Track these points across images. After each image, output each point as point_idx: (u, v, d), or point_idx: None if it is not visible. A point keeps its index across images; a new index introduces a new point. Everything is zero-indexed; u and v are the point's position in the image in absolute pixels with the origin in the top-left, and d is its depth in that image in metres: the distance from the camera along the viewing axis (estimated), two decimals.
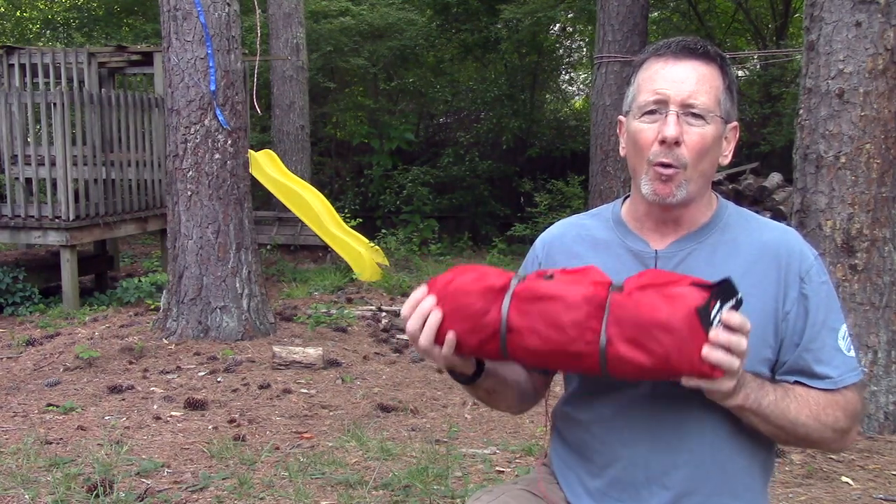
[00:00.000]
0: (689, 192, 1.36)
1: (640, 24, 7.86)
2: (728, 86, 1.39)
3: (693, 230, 1.42)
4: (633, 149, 1.40)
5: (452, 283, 1.29)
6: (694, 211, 1.41)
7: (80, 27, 15.64)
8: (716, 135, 1.36)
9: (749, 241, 1.40)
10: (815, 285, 1.37)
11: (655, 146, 1.35)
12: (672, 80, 1.35)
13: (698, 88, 1.34)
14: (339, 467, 3.34)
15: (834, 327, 1.37)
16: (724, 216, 1.44)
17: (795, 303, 1.36)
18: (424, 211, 12.50)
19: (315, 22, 12.62)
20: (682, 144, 1.33)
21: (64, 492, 3.03)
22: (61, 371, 4.87)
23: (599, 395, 1.42)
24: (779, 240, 1.40)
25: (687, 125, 1.34)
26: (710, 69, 1.37)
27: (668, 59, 1.38)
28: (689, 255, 1.40)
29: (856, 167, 3.63)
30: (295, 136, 11.17)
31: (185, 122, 5.41)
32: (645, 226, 1.44)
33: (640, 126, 1.37)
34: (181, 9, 5.34)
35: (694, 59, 1.37)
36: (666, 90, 1.35)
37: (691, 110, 1.34)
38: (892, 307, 3.71)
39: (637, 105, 1.39)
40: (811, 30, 3.75)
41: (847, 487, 3.15)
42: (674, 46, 1.38)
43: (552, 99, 15.56)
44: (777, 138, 10.74)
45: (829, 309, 1.38)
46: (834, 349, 1.37)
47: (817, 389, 1.35)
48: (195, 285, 5.46)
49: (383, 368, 5.03)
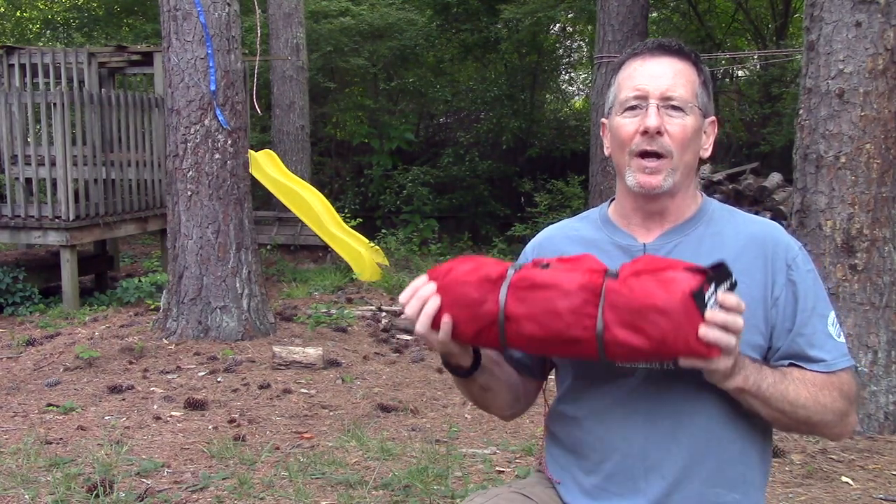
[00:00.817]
0: (675, 180, 1.40)
1: (640, 25, 7.86)
2: (703, 81, 1.44)
3: (679, 223, 1.45)
4: (617, 143, 1.44)
5: (450, 274, 1.32)
6: (679, 203, 1.45)
7: (80, 27, 15.64)
8: (696, 126, 1.41)
9: (734, 232, 1.44)
10: (802, 272, 1.41)
11: (637, 137, 1.39)
12: (650, 75, 1.41)
13: (675, 82, 1.40)
14: (339, 467, 3.34)
15: (823, 314, 1.41)
16: (708, 210, 1.48)
17: (784, 289, 1.39)
18: (424, 211, 12.50)
19: (315, 22, 12.61)
20: (664, 134, 1.38)
21: (64, 492, 3.03)
22: (61, 371, 4.87)
23: (593, 390, 1.43)
24: (763, 231, 1.44)
25: (668, 117, 1.39)
26: (686, 65, 1.43)
27: (645, 57, 1.43)
28: (676, 248, 1.43)
29: (856, 167, 3.63)
30: (295, 136, 11.17)
31: (185, 122, 5.41)
32: (632, 221, 1.48)
33: (622, 121, 1.42)
34: (181, 9, 5.34)
35: (669, 55, 1.43)
36: (645, 85, 1.40)
37: (670, 102, 1.39)
38: (892, 307, 3.71)
39: (619, 102, 1.44)
40: (811, 30, 3.75)
41: (847, 487, 3.15)
42: (650, 45, 1.45)
43: (552, 99, 15.56)
44: (777, 138, 10.74)
45: (816, 297, 1.41)
46: (825, 335, 1.40)
47: (813, 372, 1.38)
48: (195, 285, 5.46)
49: (383, 368, 5.03)
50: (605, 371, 1.40)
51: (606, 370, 1.39)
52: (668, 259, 1.29)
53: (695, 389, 1.34)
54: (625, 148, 1.41)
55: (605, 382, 1.41)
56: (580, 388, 1.46)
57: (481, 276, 1.30)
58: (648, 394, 1.37)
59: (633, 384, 1.38)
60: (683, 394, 1.36)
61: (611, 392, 1.40)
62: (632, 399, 1.38)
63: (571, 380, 1.48)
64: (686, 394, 1.36)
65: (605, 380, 1.40)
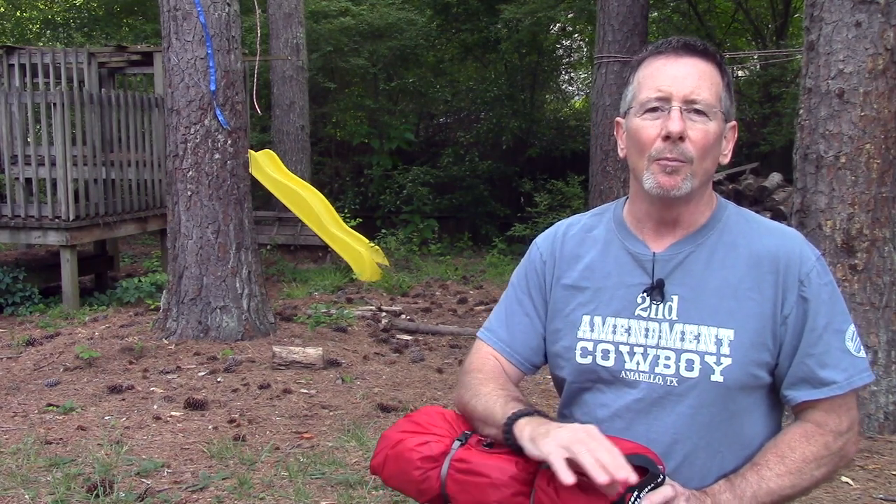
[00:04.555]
0: (693, 186, 1.35)
1: (640, 25, 7.86)
2: (727, 84, 1.39)
3: (691, 231, 1.41)
4: (635, 147, 1.38)
5: (397, 447, 1.37)
6: (693, 210, 1.41)
7: (80, 27, 15.65)
8: (718, 131, 1.35)
9: (748, 244, 1.39)
10: (816, 287, 1.36)
11: (658, 142, 1.34)
12: (674, 76, 1.34)
13: (700, 84, 1.33)
14: (339, 467, 3.34)
15: (840, 329, 1.36)
16: (722, 217, 1.43)
17: (794, 306, 1.35)
18: (424, 211, 12.50)
19: (315, 22, 12.62)
20: (686, 140, 1.32)
21: (64, 492, 3.03)
22: (61, 371, 4.87)
23: (593, 401, 1.43)
24: (778, 244, 1.39)
25: (690, 121, 1.33)
26: (710, 67, 1.36)
27: (668, 57, 1.37)
28: (687, 258, 1.40)
29: (856, 167, 3.63)
30: (295, 136, 11.17)
31: (185, 122, 5.41)
32: (645, 227, 1.44)
33: (641, 123, 1.36)
34: (181, 9, 5.34)
35: (694, 56, 1.36)
36: (668, 87, 1.33)
37: (694, 106, 1.33)
38: (892, 307, 3.71)
39: (638, 102, 1.37)
40: (811, 30, 3.75)
41: (847, 487, 3.15)
42: (674, 44, 1.38)
43: (552, 99, 15.56)
44: (777, 138, 10.74)
45: (832, 311, 1.36)
46: (841, 351, 1.35)
47: (803, 425, 1.36)
48: (195, 285, 5.46)
49: (383, 368, 5.03)
50: (607, 382, 1.40)
51: (608, 382, 1.40)
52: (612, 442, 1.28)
53: (695, 405, 1.34)
54: (644, 152, 1.35)
55: (605, 394, 1.41)
56: (581, 398, 1.46)
57: (424, 455, 1.33)
58: (649, 408, 1.37)
59: (636, 396, 1.38)
60: (683, 411, 1.35)
61: (613, 403, 1.40)
62: (630, 412, 1.38)
63: (571, 391, 1.48)
64: (687, 409, 1.35)
65: (604, 394, 1.41)
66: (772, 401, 1.41)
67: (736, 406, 1.35)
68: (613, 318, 1.41)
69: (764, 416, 1.40)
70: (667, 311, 1.38)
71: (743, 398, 1.35)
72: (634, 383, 1.37)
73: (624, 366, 1.39)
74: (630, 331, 1.40)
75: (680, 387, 1.35)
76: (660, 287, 1.39)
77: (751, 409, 1.37)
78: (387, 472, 1.39)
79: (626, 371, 1.39)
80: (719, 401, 1.34)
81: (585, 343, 1.43)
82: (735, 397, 1.35)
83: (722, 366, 1.33)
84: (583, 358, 1.43)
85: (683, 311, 1.37)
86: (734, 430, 1.36)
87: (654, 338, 1.38)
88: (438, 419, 1.41)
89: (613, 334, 1.41)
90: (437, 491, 1.31)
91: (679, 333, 1.36)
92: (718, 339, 1.34)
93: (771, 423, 1.42)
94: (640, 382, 1.37)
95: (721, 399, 1.34)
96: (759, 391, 1.38)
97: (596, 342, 1.42)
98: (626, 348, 1.39)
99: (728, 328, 1.34)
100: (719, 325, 1.35)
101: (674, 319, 1.37)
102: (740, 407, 1.36)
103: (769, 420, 1.41)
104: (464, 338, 5.96)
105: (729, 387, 1.34)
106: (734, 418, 1.35)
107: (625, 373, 1.39)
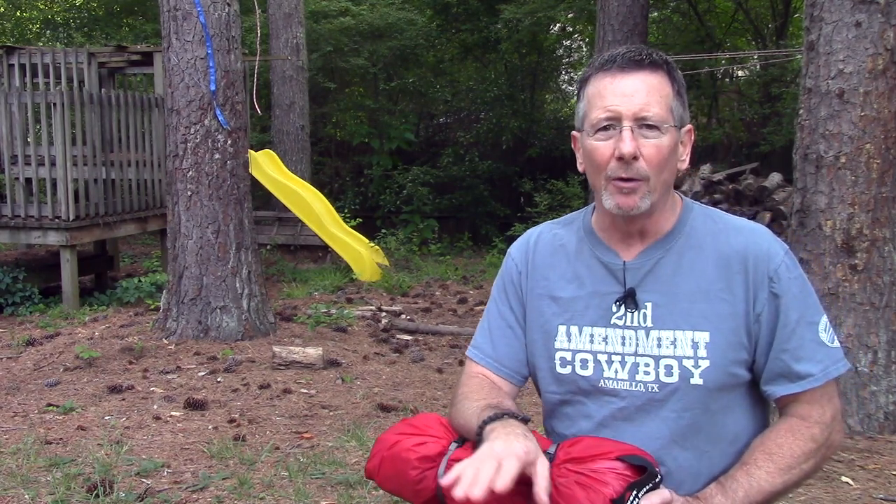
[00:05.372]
0: (652, 200, 1.35)
1: (640, 25, 7.86)
2: (678, 91, 1.38)
3: (658, 238, 1.42)
4: (591, 166, 1.38)
5: (393, 448, 1.37)
6: (658, 219, 1.41)
7: (80, 27, 15.66)
8: (672, 143, 1.35)
9: (715, 245, 1.40)
10: (786, 283, 1.37)
11: (613, 162, 1.34)
12: (622, 94, 1.33)
13: (649, 100, 1.32)
14: (339, 467, 3.34)
15: (812, 321, 1.37)
16: (688, 220, 1.43)
17: (766, 303, 1.36)
18: (424, 211, 12.50)
19: (315, 22, 12.62)
20: (639, 158, 1.32)
21: (64, 492, 3.03)
22: (61, 371, 4.87)
23: (576, 416, 1.44)
24: (746, 242, 1.39)
25: (642, 138, 1.32)
26: (659, 78, 1.35)
27: (615, 74, 1.35)
28: (657, 265, 1.41)
29: (856, 167, 3.63)
30: (295, 136, 11.17)
31: (185, 122, 5.41)
32: (613, 237, 1.45)
33: (594, 144, 1.36)
34: (181, 9, 5.34)
35: (641, 70, 1.34)
36: (617, 106, 1.33)
37: (645, 122, 1.32)
38: (892, 307, 3.71)
39: (589, 123, 1.37)
40: (811, 30, 3.75)
41: (847, 487, 3.14)
42: (619, 60, 1.36)
43: (552, 99, 15.57)
44: (777, 138, 10.74)
45: (804, 305, 1.37)
46: (815, 343, 1.37)
47: (788, 420, 1.37)
48: (195, 285, 5.46)
49: (383, 368, 5.03)
50: (586, 393, 1.42)
51: (587, 392, 1.41)
52: (605, 443, 1.29)
53: (678, 409, 1.35)
54: (600, 172, 1.36)
55: (587, 405, 1.42)
56: (561, 410, 1.47)
57: (420, 455, 1.34)
58: (633, 415, 1.38)
59: (619, 405, 1.39)
60: (667, 416, 1.36)
61: (596, 413, 1.41)
62: (616, 420, 1.39)
63: (553, 402, 1.49)
64: (670, 414, 1.36)
65: (588, 403, 1.42)
66: (755, 396, 1.42)
67: (717, 405, 1.37)
68: (590, 328, 1.43)
69: (747, 412, 1.41)
70: (642, 319, 1.39)
71: (724, 397, 1.37)
72: (614, 391, 1.39)
73: (602, 374, 1.40)
74: (607, 339, 1.41)
75: (661, 393, 1.36)
76: (632, 295, 1.40)
77: (733, 407, 1.39)
78: (382, 475, 1.39)
79: (605, 380, 1.40)
80: (701, 402, 1.35)
81: (564, 353, 1.44)
82: (716, 397, 1.36)
83: (700, 368, 1.35)
84: (562, 368, 1.44)
85: (658, 318, 1.38)
86: (718, 429, 1.37)
87: (632, 345, 1.39)
88: (435, 423, 1.42)
89: (591, 343, 1.42)
90: (432, 492, 1.31)
91: (656, 340, 1.37)
92: (695, 342, 1.35)
93: (756, 418, 1.43)
94: (620, 391, 1.38)
95: (702, 401, 1.35)
96: (740, 388, 1.39)
97: (574, 352, 1.43)
98: (604, 357, 1.41)
99: (703, 331, 1.36)
100: (694, 328, 1.36)
101: (649, 326, 1.38)
102: (722, 405, 1.37)
103: (753, 415, 1.42)
104: (464, 338, 5.96)
105: (709, 388, 1.35)
106: (717, 417, 1.37)
107: (603, 381, 1.40)
